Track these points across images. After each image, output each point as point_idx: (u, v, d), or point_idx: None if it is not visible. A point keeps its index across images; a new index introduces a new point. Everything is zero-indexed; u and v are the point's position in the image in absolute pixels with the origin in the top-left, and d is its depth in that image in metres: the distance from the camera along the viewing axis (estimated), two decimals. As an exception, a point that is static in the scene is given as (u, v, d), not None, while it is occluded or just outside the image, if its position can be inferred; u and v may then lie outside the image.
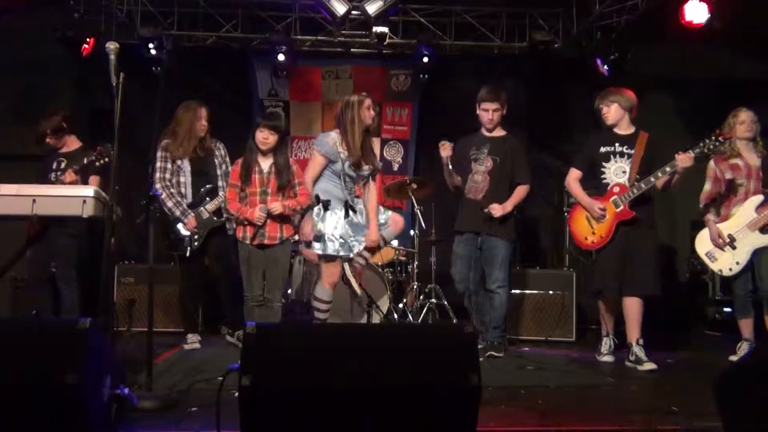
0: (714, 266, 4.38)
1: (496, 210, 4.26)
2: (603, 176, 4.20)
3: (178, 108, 4.53)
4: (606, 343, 4.31)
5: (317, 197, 3.94)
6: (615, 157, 4.17)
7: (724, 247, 4.30)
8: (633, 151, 4.13)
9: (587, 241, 4.24)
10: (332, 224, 3.90)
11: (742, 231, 4.26)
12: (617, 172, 4.16)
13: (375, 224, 4.11)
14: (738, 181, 4.32)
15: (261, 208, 4.05)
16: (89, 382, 2.09)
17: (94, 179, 4.27)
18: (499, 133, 4.46)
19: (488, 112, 4.38)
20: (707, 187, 4.44)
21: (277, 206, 4.07)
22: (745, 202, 4.29)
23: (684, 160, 3.91)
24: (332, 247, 3.88)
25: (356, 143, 3.92)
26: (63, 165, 4.38)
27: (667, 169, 3.97)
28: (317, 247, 3.91)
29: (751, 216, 4.24)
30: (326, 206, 3.92)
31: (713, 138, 3.99)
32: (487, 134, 4.46)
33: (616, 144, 4.19)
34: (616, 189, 4.12)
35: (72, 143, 4.55)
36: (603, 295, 4.25)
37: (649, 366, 3.96)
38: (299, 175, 4.18)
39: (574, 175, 4.36)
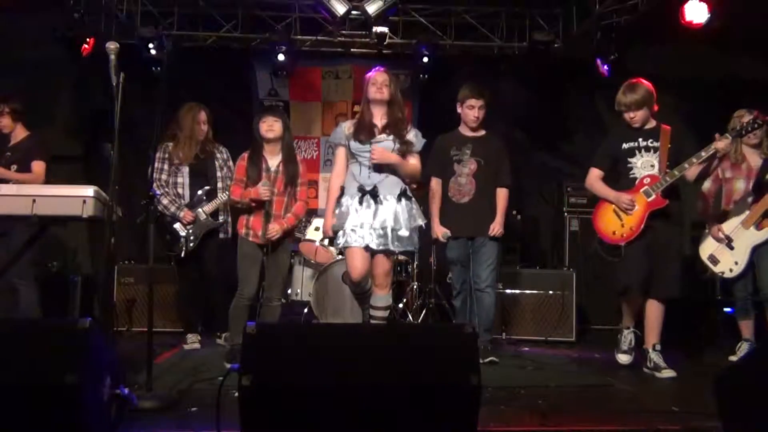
0: (716, 269, 4.36)
1: (497, 231, 4.22)
2: (631, 173, 3.92)
3: (179, 111, 4.54)
4: (627, 338, 4.05)
5: (342, 188, 3.72)
6: (640, 151, 3.91)
7: (721, 242, 4.28)
8: (658, 144, 3.86)
9: (615, 236, 3.92)
10: (346, 214, 3.61)
11: (737, 230, 4.26)
12: (645, 166, 3.89)
13: (329, 212, 3.70)
14: (738, 182, 4.32)
15: (264, 182, 3.94)
16: (89, 382, 2.09)
17: (38, 165, 4.20)
18: (480, 132, 4.33)
19: (474, 110, 4.24)
20: (706, 184, 4.44)
21: (276, 230, 3.97)
22: (738, 202, 4.30)
23: (723, 145, 3.65)
24: (342, 240, 3.60)
25: (362, 116, 3.71)
26: (12, 160, 4.25)
27: (703, 153, 3.68)
28: (337, 239, 3.66)
29: (744, 214, 4.25)
30: (340, 196, 3.69)
31: (753, 120, 3.80)
32: (469, 133, 4.33)
33: (639, 139, 3.92)
34: (647, 180, 3.84)
35: (19, 132, 4.39)
36: (628, 296, 4.00)
37: (668, 373, 3.79)
38: (303, 174, 4.16)
39: (595, 174, 4.09)
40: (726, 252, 4.30)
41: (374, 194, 3.58)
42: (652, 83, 3.95)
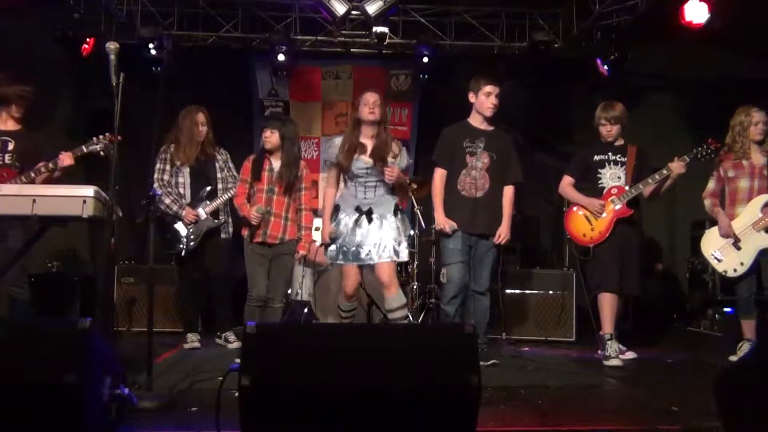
0: (719, 267, 4.31)
1: (504, 237, 4.08)
2: (600, 182, 4.36)
3: (179, 114, 4.56)
4: (612, 347, 4.14)
5: (337, 204, 4.01)
6: (609, 164, 4.36)
7: (732, 241, 4.22)
8: (626, 159, 4.33)
9: (585, 238, 4.36)
10: (342, 233, 3.89)
11: (747, 231, 4.19)
12: (612, 177, 4.34)
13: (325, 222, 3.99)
14: (741, 181, 4.28)
15: (257, 208, 4.14)
16: (89, 382, 2.09)
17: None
18: (491, 126, 4.19)
19: (492, 96, 4.07)
20: (710, 185, 4.46)
21: (301, 255, 4.24)
22: (749, 202, 4.23)
23: (677, 167, 4.12)
24: (332, 254, 3.93)
25: (348, 137, 3.94)
26: (10, 147, 3.86)
27: (664, 171, 4.16)
28: (328, 252, 3.97)
29: (756, 216, 4.17)
30: (335, 210, 3.99)
31: (705, 146, 4.17)
32: (481, 126, 4.17)
33: (609, 153, 4.37)
34: (614, 191, 4.29)
35: (15, 121, 3.96)
36: (602, 290, 4.23)
37: (615, 362, 4.12)
38: (307, 179, 4.25)
39: (567, 181, 4.50)
40: (732, 251, 4.24)
41: (369, 214, 3.89)
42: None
